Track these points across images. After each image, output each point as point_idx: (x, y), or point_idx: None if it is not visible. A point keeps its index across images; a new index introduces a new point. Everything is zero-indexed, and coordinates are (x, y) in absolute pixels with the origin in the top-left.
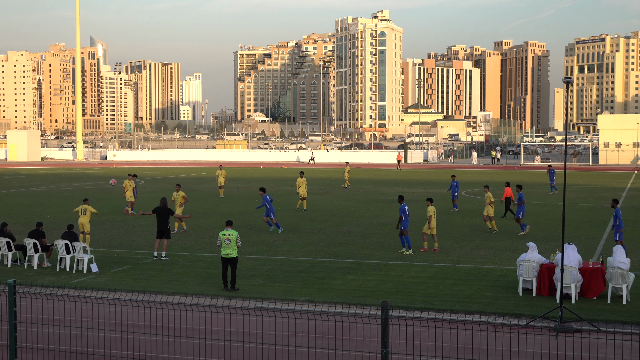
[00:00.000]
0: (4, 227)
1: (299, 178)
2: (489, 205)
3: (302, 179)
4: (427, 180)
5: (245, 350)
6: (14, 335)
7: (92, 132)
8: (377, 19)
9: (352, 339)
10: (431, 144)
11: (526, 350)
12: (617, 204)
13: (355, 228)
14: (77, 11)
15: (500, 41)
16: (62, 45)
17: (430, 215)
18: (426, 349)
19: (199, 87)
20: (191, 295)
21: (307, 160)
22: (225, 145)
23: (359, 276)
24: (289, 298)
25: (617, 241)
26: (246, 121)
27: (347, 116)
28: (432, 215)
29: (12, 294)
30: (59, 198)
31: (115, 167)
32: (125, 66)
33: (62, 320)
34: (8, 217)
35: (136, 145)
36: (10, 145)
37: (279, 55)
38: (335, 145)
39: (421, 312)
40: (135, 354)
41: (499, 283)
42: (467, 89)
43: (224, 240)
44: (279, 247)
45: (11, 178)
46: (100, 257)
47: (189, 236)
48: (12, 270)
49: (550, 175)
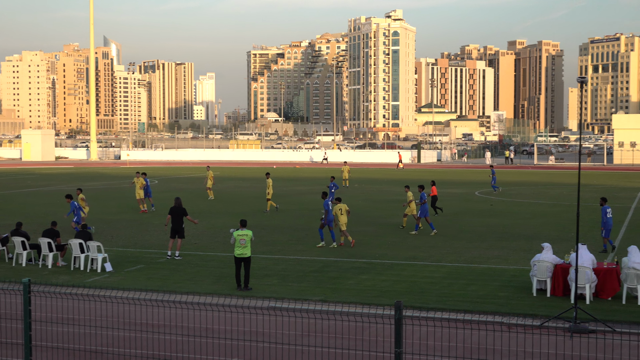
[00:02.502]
0: (19, 227)
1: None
2: (409, 204)
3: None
4: (441, 180)
5: (259, 349)
6: (29, 333)
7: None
8: (390, 19)
9: (366, 339)
10: (444, 143)
11: (540, 350)
12: (605, 202)
13: (368, 228)
14: (91, 11)
15: (514, 40)
16: (76, 45)
17: (410, 199)
18: (440, 349)
19: (212, 86)
20: (205, 294)
21: (320, 159)
22: (238, 145)
23: (373, 276)
24: (302, 298)
25: (604, 238)
26: (259, 121)
27: (360, 116)
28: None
29: (27, 292)
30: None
31: (129, 167)
32: (139, 66)
33: (77, 319)
34: (23, 216)
35: (150, 144)
36: (25, 144)
37: (292, 55)
38: (349, 145)
39: (435, 312)
40: (149, 352)
41: (512, 283)
42: (480, 89)
43: (239, 240)
44: (292, 246)
45: (26, 177)
46: (114, 256)
47: (202, 236)
48: (27, 269)
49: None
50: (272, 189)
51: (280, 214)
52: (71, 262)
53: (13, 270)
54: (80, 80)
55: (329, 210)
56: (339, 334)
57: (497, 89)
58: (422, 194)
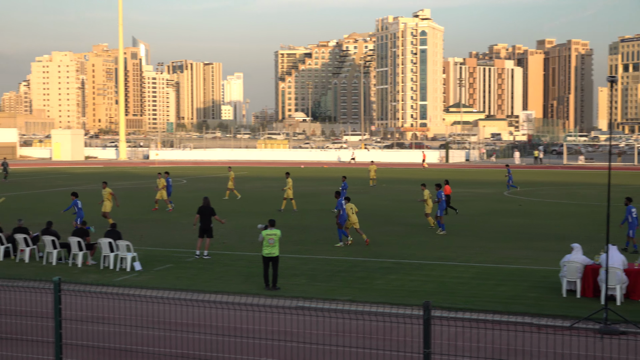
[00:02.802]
0: (49, 226)
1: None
2: (425, 202)
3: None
4: (469, 180)
5: (287, 349)
6: (60, 332)
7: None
8: (418, 18)
9: (394, 339)
10: (473, 143)
11: (570, 352)
12: (631, 201)
13: (396, 227)
14: (120, 12)
15: (543, 40)
16: (105, 45)
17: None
18: (469, 350)
19: (240, 86)
20: (233, 294)
21: (348, 159)
22: (266, 145)
23: (401, 276)
24: (330, 297)
25: (632, 238)
26: (287, 120)
27: (388, 115)
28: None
29: (57, 291)
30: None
31: (157, 167)
32: (167, 66)
33: (106, 317)
34: (53, 215)
35: (178, 144)
36: (55, 144)
37: (320, 54)
38: (376, 145)
39: (463, 312)
40: (178, 351)
41: (542, 284)
42: (509, 88)
43: (267, 239)
44: (320, 246)
45: (56, 177)
46: (143, 255)
47: (230, 235)
48: (57, 268)
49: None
50: (292, 188)
51: (308, 214)
52: (101, 261)
53: (43, 269)
54: (109, 81)
55: (343, 210)
56: (367, 334)
57: (525, 89)
58: (439, 192)
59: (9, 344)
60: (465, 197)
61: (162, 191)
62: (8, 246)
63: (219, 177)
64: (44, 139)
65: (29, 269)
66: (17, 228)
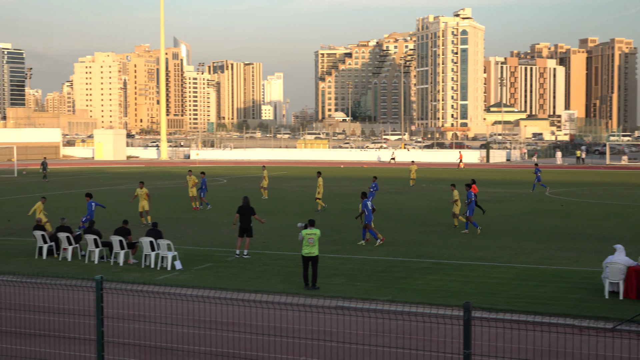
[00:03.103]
0: (92, 225)
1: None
2: (454, 203)
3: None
4: (510, 180)
5: (327, 349)
6: (101, 330)
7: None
8: (458, 17)
9: (434, 340)
10: (514, 143)
11: (613, 354)
12: None
13: (436, 228)
14: (162, 12)
15: (586, 38)
16: (147, 46)
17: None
18: (509, 351)
19: (280, 86)
20: (273, 293)
21: (387, 159)
22: (306, 145)
23: (441, 276)
24: (369, 297)
25: None
26: (327, 120)
27: (428, 115)
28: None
29: (99, 289)
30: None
31: (198, 166)
32: (208, 66)
33: (147, 316)
34: (95, 214)
35: (218, 144)
36: (97, 144)
37: (360, 54)
38: (416, 145)
39: (504, 313)
40: (218, 350)
41: (584, 285)
42: (551, 88)
43: (307, 239)
44: (359, 246)
45: (98, 176)
46: (183, 254)
47: (270, 235)
48: (99, 267)
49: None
50: (323, 188)
51: (347, 214)
52: (142, 260)
53: (86, 267)
54: (150, 81)
55: (369, 210)
56: (406, 334)
57: (568, 88)
58: (469, 193)
59: (52, 341)
60: (506, 197)
61: (192, 189)
62: (51, 245)
63: (259, 177)
64: (86, 138)
65: (71, 267)
66: (60, 227)
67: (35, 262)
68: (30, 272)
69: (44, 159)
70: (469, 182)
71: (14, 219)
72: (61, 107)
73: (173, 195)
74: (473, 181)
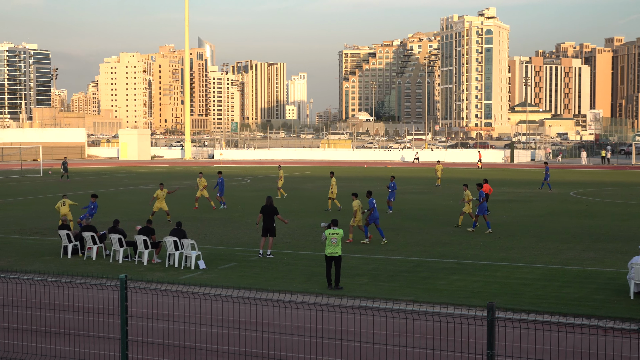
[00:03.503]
0: (116, 224)
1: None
2: (467, 202)
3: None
4: (535, 180)
5: (350, 348)
6: (125, 329)
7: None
8: (483, 17)
9: (457, 340)
10: (539, 143)
11: (638, 356)
12: None
13: (459, 228)
14: (186, 13)
15: (612, 37)
16: (171, 46)
17: (355, 209)
18: (533, 352)
19: (303, 86)
20: (296, 293)
21: (411, 159)
22: (329, 145)
23: (464, 277)
24: (393, 297)
25: None
26: (350, 120)
27: (452, 115)
28: (358, 209)
29: (123, 288)
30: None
31: (222, 166)
32: (232, 66)
33: (171, 315)
34: (120, 214)
35: (242, 144)
36: (122, 144)
37: (384, 54)
38: (440, 144)
39: (528, 314)
40: (241, 349)
41: (609, 286)
42: (576, 87)
43: (330, 239)
44: (383, 246)
45: (123, 176)
46: (207, 254)
47: (293, 234)
48: (124, 266)
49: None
50: (337, 188)
51: None
52: (166, 260)
53: (110, 266)
54: (175, 81)
55: (375, 209)
56: (430, 334)
57: (593, 88)
58: (481, 192)
59: (77, 340)
60: (530, 197)
61: (203, 191)
62: (76, 244)
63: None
64: (111, 138)
65: (96, 266)
66: (85, 226)
67: (60, 261)
68: (56, 271)
69: (64, 159)
70: (480, 183)
71: (41, 219)
72: (86, 107)
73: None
74: (485, 180)
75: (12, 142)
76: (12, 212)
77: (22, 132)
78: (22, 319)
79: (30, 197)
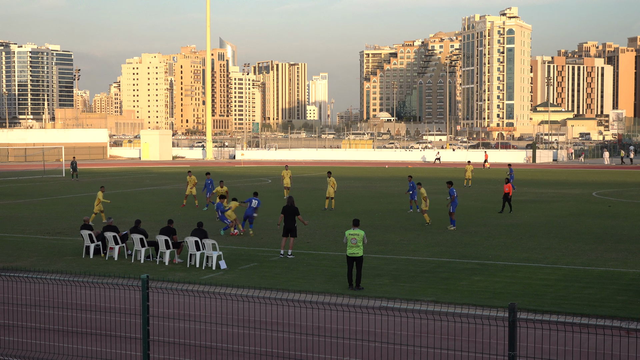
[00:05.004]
0: (138, 224)
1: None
2: (423, 200)
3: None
4: (557, 181)
5: (370, 349)
6: (147, 328)
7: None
8: (505, 17)
9: (479, 341)
10: (561, 143)
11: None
12: None
13: (481, 228)
14: (208, 14)
15: (635, 37)
16: (193, 47)
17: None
18: (555, 353)
19: (325, 86)
20: (317, 293)
21: (432, 159)
22: (350, 145)
23: (486, 277)
24: (414, 298)
25: None
26: (372, 120)
27: (474, 115)
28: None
29: (145, 288)
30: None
31: (243, 167)
32: (254, 67)
33: (192, 315)
34: (141, 214)
35: (263, 144)
36: (144, 144)
37: (405, 54)
38: (461, 145)
39: (550, 315)
40: (262, 349)
41: (631, 287)
42: (598, 87)
43: (350, 239)
44: (404, 246)
45: (144, 176)
46: (228, 254)
47: (314, 235)
48: (145, 266)
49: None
50: (336, 187)
51: (391, 214)
52: (187, 260)
53: (132, 266)
54: (196, 82)
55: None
56: (451, 335)
57: (616, 87)
58: (452, 190)
59: (99, 339)
60: (552, 197)
61: (192, 188)
62: (98, 244)
63: (304, 177)
64: (133, 139)
65: (117, 266)
66: (107, 226)
67: (82, 261)
68: (78, 271)
69: (73, 159)
70: (451, 180)
71: (63, 219)
72: (108, 108)
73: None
74: (507, 180)
75: (35, 143)
76: (35, 212)
77: (44, 133)
78: (45, 319)
79: (53, 198)
